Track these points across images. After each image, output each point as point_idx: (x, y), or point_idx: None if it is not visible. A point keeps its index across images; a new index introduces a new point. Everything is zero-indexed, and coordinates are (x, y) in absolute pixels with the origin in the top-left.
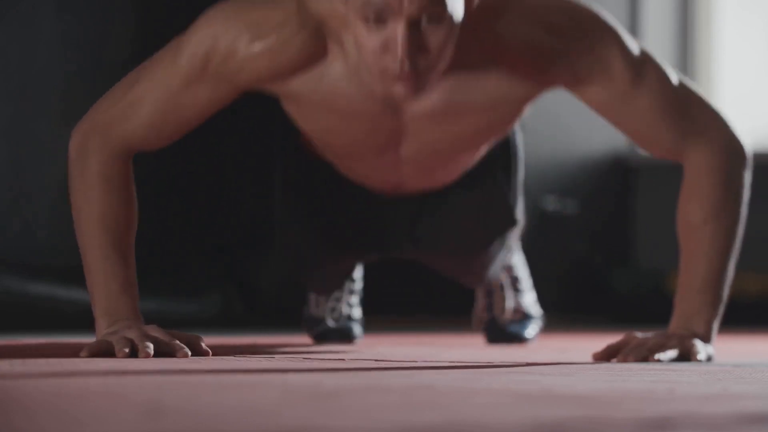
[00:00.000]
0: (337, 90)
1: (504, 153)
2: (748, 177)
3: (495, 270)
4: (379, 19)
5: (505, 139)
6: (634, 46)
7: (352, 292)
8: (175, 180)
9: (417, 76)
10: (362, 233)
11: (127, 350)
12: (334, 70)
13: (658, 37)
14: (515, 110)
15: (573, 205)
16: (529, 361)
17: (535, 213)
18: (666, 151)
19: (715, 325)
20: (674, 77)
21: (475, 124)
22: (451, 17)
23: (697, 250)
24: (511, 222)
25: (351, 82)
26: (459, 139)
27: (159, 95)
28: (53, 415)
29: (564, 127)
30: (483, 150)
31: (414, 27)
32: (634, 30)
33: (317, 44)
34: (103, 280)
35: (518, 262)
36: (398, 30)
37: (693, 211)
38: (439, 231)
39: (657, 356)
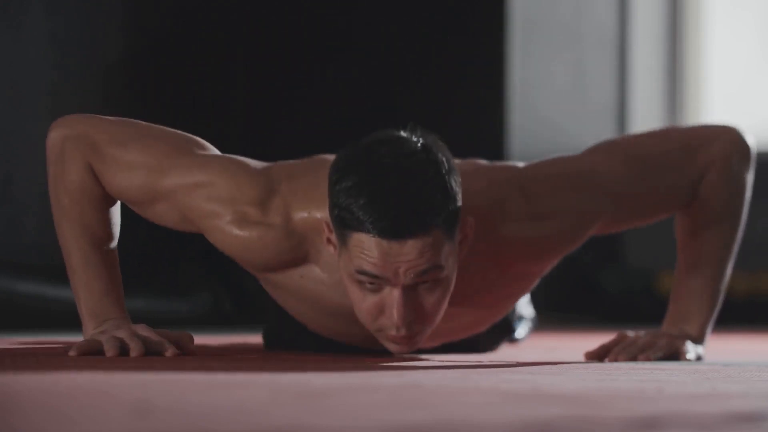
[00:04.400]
0: (317, 291)
1: None
2: (750, 178)
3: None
4: (375, 289)
5: None
6: (615, 161)
7: None
8: None
9: (412, 338)
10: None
11: (116, 349)
12: (314, 273)
13: (647, 35)
14: (520, 294)
15: None
16: (519, 360)
17: None
18: (688, 203)
19: (708, 329)
20: (649, 141)
21: (476, 317)
22: (447, 278)
23: (697, 252)
24: (510, 332)
25: (334, 290)
26: (458, 329)
27: (140, 184)
28: (45, 413)
29: (554, 126)
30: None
31: (410, 292)
32: (623, 26)
33: (299, 251)
34: (86, 281)
35: None
36: (394, 296)
37: (694, 214)
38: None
39: (646, 355)
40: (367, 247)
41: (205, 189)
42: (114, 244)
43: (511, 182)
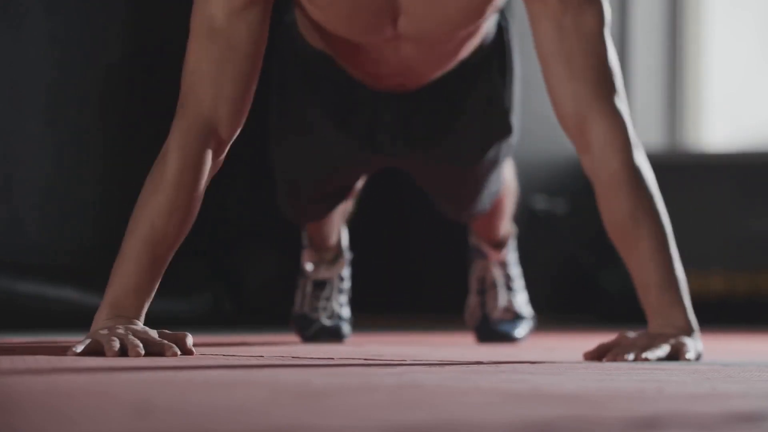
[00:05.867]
0: None
1: (499, 55)
2: (645, 157)
3: (485, 200)
4: None
5: (499, 39)
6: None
7: (341, 291)
8: None
9: None
10: (356, 130)
11: (116, 349)
12: None
13: (647, 33)
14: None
15: (562, 204)
16: (518, 360)
17: (524, 212)
18: (573, 108)
19: (690, 310)
20: (609, 39)
21: (457, 19)
22: None
23: (638, 244)
24: (507, 128)
25: None
26: (451, 15)
27: (208, 45)
28: (45, 413)
29: (553, 126)
30: (479, 31)
31: None
32: (623, 26)
33: None
34: (125, 273)
35: (512, 261)
36: None
37: (618, 206)
38: (433, 130)
39: (646, 355)
40: None
41: None
42: (170, 254)
43: None
